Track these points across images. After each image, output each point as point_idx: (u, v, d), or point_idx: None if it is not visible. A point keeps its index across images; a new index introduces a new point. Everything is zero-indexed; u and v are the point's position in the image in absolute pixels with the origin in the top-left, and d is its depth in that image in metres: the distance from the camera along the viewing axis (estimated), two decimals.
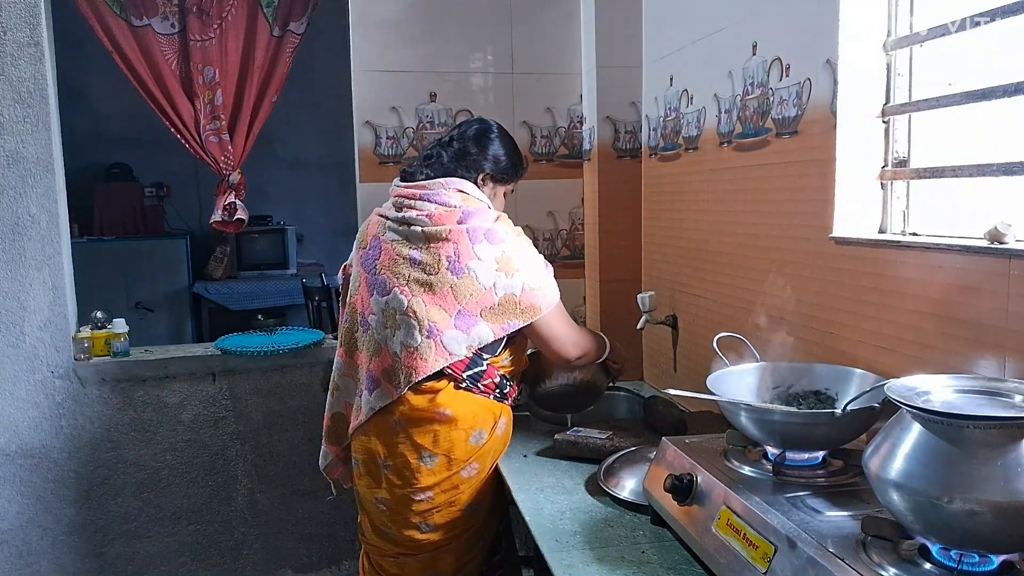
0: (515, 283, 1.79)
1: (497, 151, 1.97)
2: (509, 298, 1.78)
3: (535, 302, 1.81)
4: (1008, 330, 1.23)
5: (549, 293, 1.84)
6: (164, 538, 2.73)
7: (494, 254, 1.79)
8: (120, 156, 5.34)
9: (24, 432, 2.55)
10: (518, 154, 2.04)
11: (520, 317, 1.80)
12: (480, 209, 1.84)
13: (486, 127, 2.01)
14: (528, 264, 1.83)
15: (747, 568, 1.15)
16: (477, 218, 1.81)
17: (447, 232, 1.78)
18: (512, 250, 1.82)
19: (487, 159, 1.95)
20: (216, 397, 2.73)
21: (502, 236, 1.82)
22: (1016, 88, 1.28)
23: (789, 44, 1.80)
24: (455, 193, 1.86)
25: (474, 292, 1.77)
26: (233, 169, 2.82)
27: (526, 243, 1.89)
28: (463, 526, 1.86)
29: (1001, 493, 0.92)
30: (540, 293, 1.82)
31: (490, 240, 1.80)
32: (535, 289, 1.81)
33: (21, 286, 2.49)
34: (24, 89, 2.44)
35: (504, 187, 2.02)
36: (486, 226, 1.81)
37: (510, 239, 1.83)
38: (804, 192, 1.75)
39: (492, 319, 1.79)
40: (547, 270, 1.90)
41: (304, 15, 2.81)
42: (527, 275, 1.81)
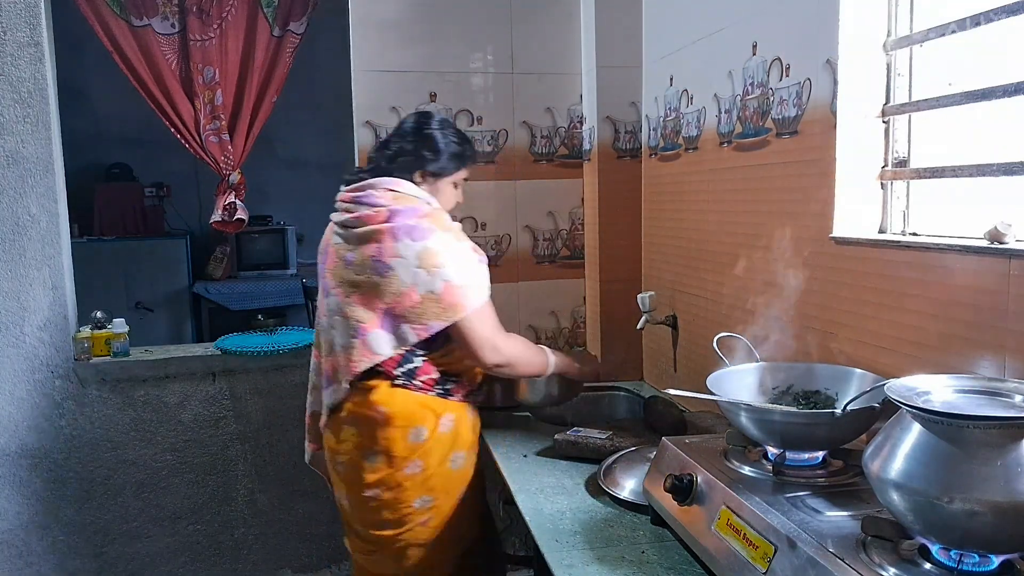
0: (435, 281, 1.75)
1: (432, 144, 1.92)
2: (429, 296, 1.75)
3: (457, 301, 1.77)
4: (1008, 330, 1.23)
5: (473, 293, 1.79)
6: (164, 538, 2.73)
7: (415, 250, 1.75)
8: (120, 156, 5.34)
9: (24, 432, 2.55)
10: (459, 143, 1.97)
11: (441, 317, 1.77)
12: (409, 207, 1.81)
13: (421, 121, 1.96)
14: (452, 261, 1.78)
15: (747, 568, 1.15)
16: (403, 216, 1.79)
17: (373, 232, 1.78)
18: (436, 246, 1.77)
19: (422, 154, 1.91)
20: (216, 397, 2.73)
21: (426, 232, 1.78)
22: (1016, 88, 1.28)
23: (789, 44, 1.80)
24: (385, 193, 1.84)
25: (396, 291, 1.76)
26: (233, 169, 2.82)
27: (456, 239, 1.85)
28: (419, 521, 1.86)
29: (1001, 493, 0.92)
30: (462, 292, 1.77)
31: (413, 237, 1.76)
32: (458, 287, 1.77)
33: (21, 286, 2.49)
34: (24, 89, 2.44)
35: (447, 179, 1.95)
36: (410, 223, 1.78)
37: (435, 235, 1.78)
38: (804, 192, 1.75)
39: (414, 319, 1.77)
40: (476, 269, 1.84)
41: (304, 15, 2.81)
42: (450, 272, 1.76)
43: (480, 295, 1.81)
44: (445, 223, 1.86)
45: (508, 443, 2.12)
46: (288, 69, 2.83)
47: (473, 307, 1.79)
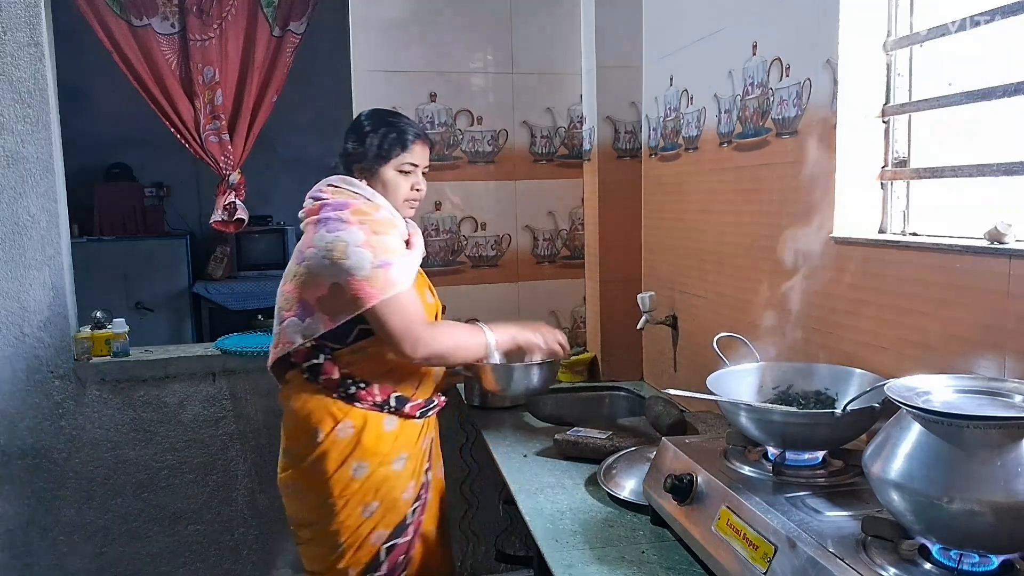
0: (341, 271, 1.71)
1: (356, 138, 1.91)
2: (336, 287, 1.73)
3: (360, 293, 1.71)
4: (1008, 330, 1.23)
5: (381, 282, 1.72)
6: (164, 538, 2.73)
7: (326, 242, 1.74)
8: (120, 156, 5.33)
9: (24, 432, 2.55)
10: (385, 130, 1.90)
11: (347, 309, 1.73)
12: (339, 200, 1.82)
13: (355, 120, 1.99)
14: (362, 251, 1.72)
15: (747, 568, 1.15)
16: (328, 209, 1.80)
17: (305, 224, 1.84)
18: (349, 236, 1.73)
19: (354, 150, 1.91)
20: (216, 397, 2.73)
21: (341, 225, 1.76)
22: (1016, 88, 1.28)
23: (789, 44, 1.80)
24: (325, 189, 1.87)
25: (309, 281, 1.77)
26: (233, 169, 2.82)
27: (373, 231, 1.77)
28: (313, 521, 1.86)
29: (1001, 493, 0.92)
30: (370, 283, 1.71)
31: (328, 229, 1.76)
32: (365, 278, 1.71)
33: (21, 286, 2.49)
34: (24, 89, 2.44)
35: (385, 168, 1.90)
36: (330, 215, 1.78)
37: (351, 227, 1.75)
38: (804, 192, 1.75)
39: (323, 309, 1.76)
40: (392, 259, 1.75)
41: (304, 15, 2.81)
42: (353, 263, 1.71)
43: (391, 286, 1.72)
44: (372, 216, 1.81)
45: (508, 443, 2.12)
46: (288, 69, 2.83)
47: (380, 298, 1.71)
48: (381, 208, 1.85)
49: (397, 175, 1.91)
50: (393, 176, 1.91)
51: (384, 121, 1.93)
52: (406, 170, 1.91)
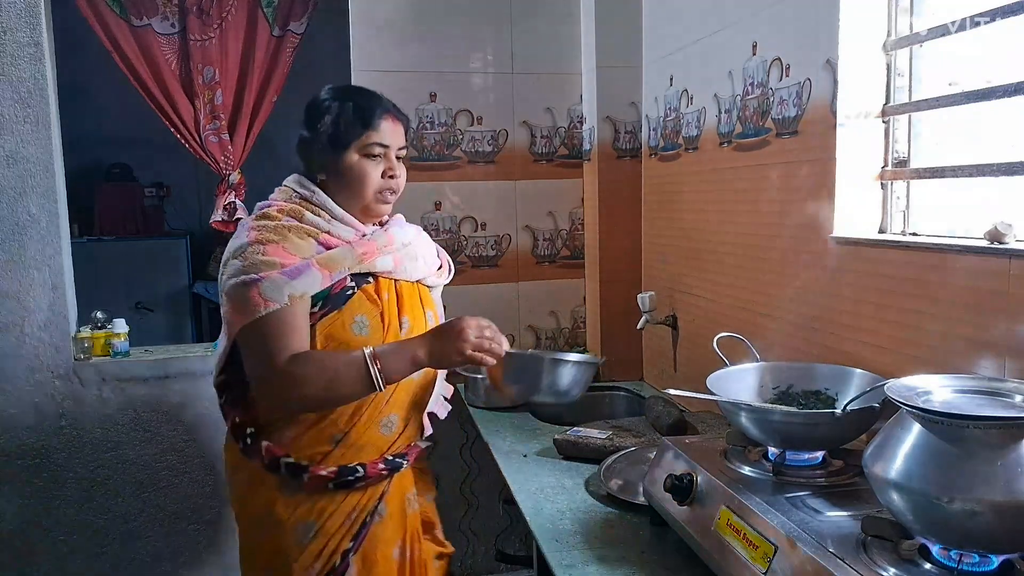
0: (222, 285, 1.50)
1: (313, 120, 1.56)
2: (223, 303, 1.51)
3: (227, 314, 1.48)
4: (1008, 330, 1.23)
5: (243, 302, 1.42)
6: (164, 538, 2.73)
7: (230, 249, 1.51)
8: (120, 156, 5.33)
9: (24, 432, 2.55)
10: (341, 106, 1.54)
11: (228, 331, 1.52)
12: (262, 203, 1.58)
13: (308, 101, 1.61)
14: (233, 264, 1.45)
15: (747, 568, 1.15)
16: (256, 211, 1.56)
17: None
18: (232, 247, 1.49)
19: (307, 137, 1.57)
20: (216, 397, 2.73)
21: (241, 231, 1.51)
22: (1016, 88, 1.28)
23: (789, 44, 1.80)
24: (274, 194, 1.63)
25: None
26: (233, 169, 2.82)
27: (258, 239, 1.46)
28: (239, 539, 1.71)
29: (1001, 493, 0.92)
30: (232, 302, 1.44)
31: (232, 240, 1.53)
32: (228, 296, 1.46)
33: (21, 286, 2.49)
34: (24, 89, 2.43)
35: (344, 154, 1.53)
36: (242, 221, 1.58)
37: (243, 234, 1.49)
38: (804, 192, 1.75)
39: (225, 324, 1.54)
40: (261, 274, 1.42)
41: (304, 15, 2.81)
42: (226, 275, 1.47)
43: (253, 307, 1.41)
44: (274, 222, 1.49)
45: (508, 443, 2.12)
46: (288, 69, 2.83)
47: (242, 323, 1.44)
48: (308, 210, 1.53)
49: (362, 161, 1.52)
50: (357, 163, 1.52)
51: (341, 96, 1.56)
52: (373, 152, 1.52)
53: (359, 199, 1.55)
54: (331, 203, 1.54)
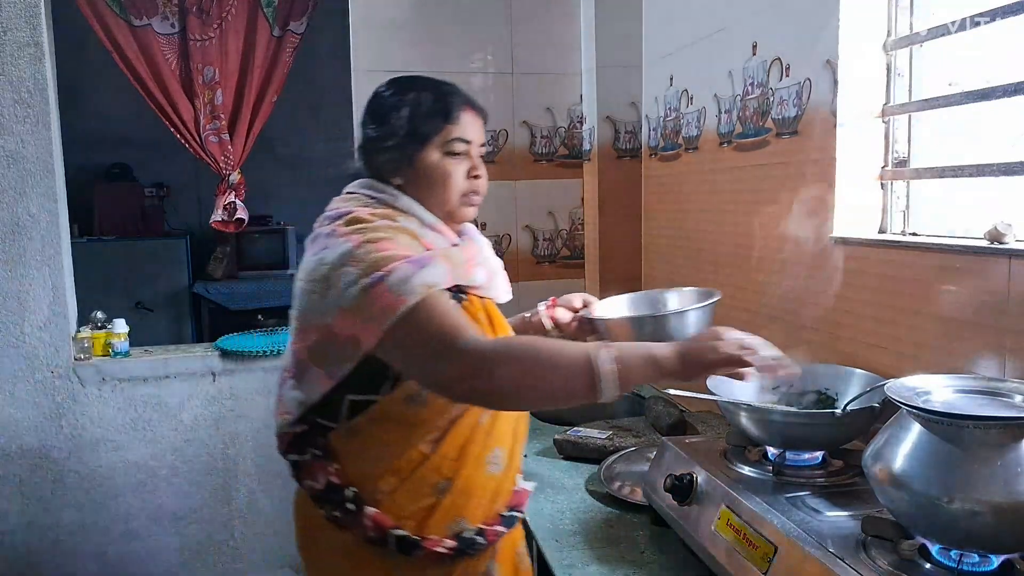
0: (326, 306, 1.16)
1: (382, 115, 1.32)
2: (325, 331, 1.17)
3: (356, 327, 1.14)
4: (1008, 330, 1.23)
5: (380, 302, 1.11)
6: (164, 538, 2.73)
7: (307, 269, 1.22)
8: (120, 156, 5.33)
9: (24, 432, 2.55)
10: (418, 98, 1.31)
11: (345, 356, 1.17)
12: (337, 211, 1.27)
13: (372, 96, 1.38)
14: (347, 271, 1.14)
15: (747, 568, 1.15)
16: (325, 222, 1.27)
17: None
18: (333, 255, 1.18)
19: (375, 135, 1.32)
20: (216, 397, 2.73)
21: (330, 239, 1.21)
22: (1016, 88, 1.28)
23: (789, 44, 1.80)
24: (339, 199, 1.33)
25: (300, 326, 1.24)
26: (233, 169, 2.82)
27: (366, 239, 1.18)
28: None
29: (1001, 493, 0.92)
30: (361, 311, 1.13)
31: (313, 251, 1.23)
32: (354, 307, 1.13)
33: (21, 286, 2.49)
34: (24, 89, 2.43)
35: (422, 152, 1.28)
36: (321, 231, 1.25)
37: (339, 241, 1.19)
38: (804, 192, 1.75)
39: (318, 361, 1.21)
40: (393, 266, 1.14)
41: (304, 15, 2.81)
42: (341, 285, 1.14)
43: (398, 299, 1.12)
44: (373, 222, 1.23)
45: None
46: (288, 69, 2.83)
47: (385, 324, 1.12)
48: (406, 215, 1.28)
49: (444, 160, 1.29)
50: (438, 162, 1.29)
51: (413, 87, 1.34)
52: (456, 150, 1.30)
53: (443, 203, 1.30)
54: (418, 207, 1.29)
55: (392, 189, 1.30)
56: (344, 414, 1.24)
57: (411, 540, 1.22)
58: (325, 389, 1.21)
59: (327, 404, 1.24)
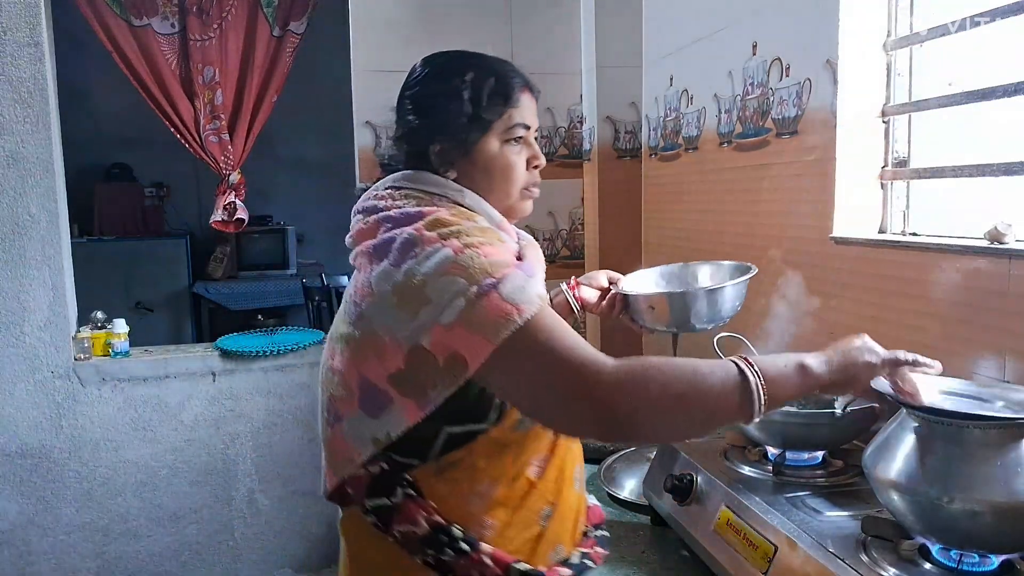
0: (421, 323, 0.96)
1: (431, 99, 1.11)
2: (418, 352, 0.97)
3: (463, 343, 0.94)
4: (1008, 330, 1.23)
5: (493, 315, 0.93)
6: (164, 538, 2.73)
7: (393, 280, 0.99)
8: (120, 156, 5.33)
9: (24, 432, 2.55)
10: (476, 77, 1.10)
11: (444, 380, 0.96)
12: (405, 210, 1.06)
13: (410, 77, 1.17)
14: (449, 280, 0.96)
15: (747, 568, 1.15)
16: (390, 225, 1.05)
17: (354, 258, 1.10)
18: (427, 264, 0.97)
19: (422, 123, 1.11)
20: (216, 397, 2.73)
21: (415, 246, 1.00)
22: (1016, 88, 1.28)
23: (789, 44, 1.80)
24: (382, 195, 1.12)
25: (373, 349, 1.02)
26: (233, 169, 2.82)
27: (465, 244, 0.99)
28: None
29: (1001, 493, 0.92)
30: (471, 325, 0.94)
31: (393, 258, 1.01)
32: (463, 321, 0.94)
33: (21, 286, 2.49)
34: (24, 89, 2.43)
35: (481, 141, 1.10)
36: (394, 235, 1.03)
37: (427, 248, 0.99)
38: (804, 192, 1.75)
39: (405, 390, 1.00)
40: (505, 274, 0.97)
41: (304, 15, 2.81)
42: (443, 299, 0.95)
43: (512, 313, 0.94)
44: (461, 224, 1.03)
45: None
46: (288, 69, 2.84)
47: (496, 342, 0.93)
48: (477, 214, 1.09)
49: (505, 149, 1.12)
50: (499, 151, 1.11)
51: (466, 65, 1.12)
52: (517, 135, 1.13)
53: (504, 198, 1.14)
54: (486, 204, 1.11)
55: (453, 184, 1.10)
56: (438, 449, 1.04)
57: (536, 574, 1.06)
58: (413, 421, 1.00)
59: (414, 439, 1.03)
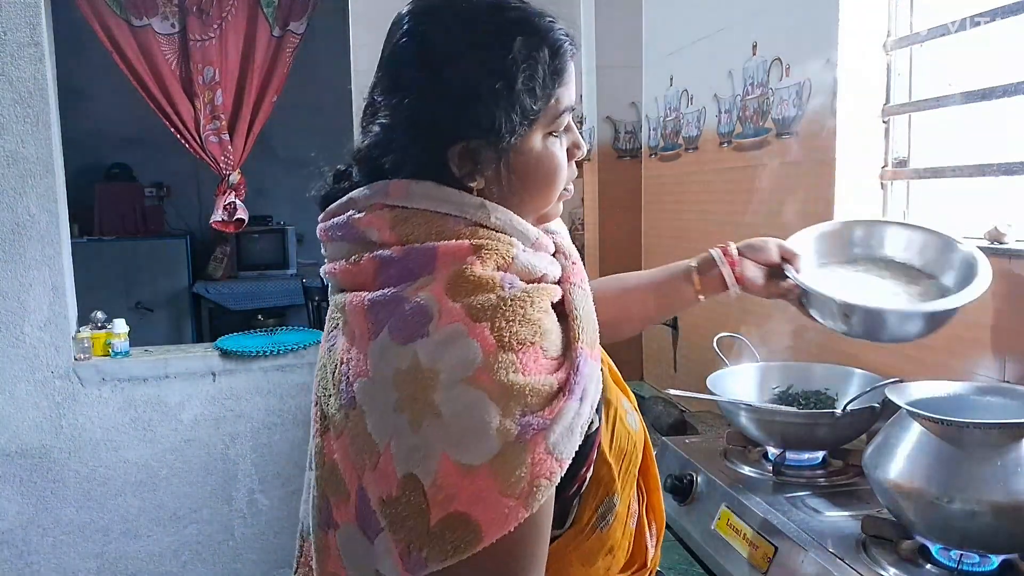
0: (423, 443, 0.68)
1: (485, 81, 0.75)
2: (411, 483, 0.68)
3: (479, 506, 0.66)
4: (1008, 330, 1.23)
5: (534, 463, 0.67)
6: (164, 538, 2.73)
7: (395, 365, 0.71)
8: (120, 156, 5.34)
9: (24, 432, 2.55)
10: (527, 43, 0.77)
11: (430, 546, 0.67)
12: (414, 248, 0.75)
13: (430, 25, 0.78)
14: (469, 395, 0.68)
15: (747, 568, 1.15)
16: (393, 274, 0.75)
17: (344, 306, 0.78)
18: (443, 355, 0.69)
19: (462, 117, 0.76)
20: (216, 397, 2.73)
21: (427, 316, 0.71)
22: (1016, 88, 1.28)
23: (789, 44, 1.80)
24: (377, 215, 0.78)
25: (368, 451, 0.72)
26: (233, 169, 2.82)
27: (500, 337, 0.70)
28: None
29: (1001, 493, 0.92)
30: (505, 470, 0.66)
31: (397, 328, 0.72)
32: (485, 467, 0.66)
33: (21, 286, 2.49)
34: (24, 89, 2.43)
35: (525, 138, 0.78)
36: (401, 296, 0.73)
37: (444, 327, 0.70)
38: (804, 192, 1.75)
39: (396, 528, 0.69)
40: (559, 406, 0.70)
41: (304, 15, 2.81)
42: (462, 425, 0.67)
43: (541, 486, 0.67)
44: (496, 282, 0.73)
45: None
46: (288, 69, 2.84)
47: (514, 522, 0.66)
48: (514, 244, 0.78)
49: (547, 144, 0.81)
50: (540, 148, 0.80)
51: (510, 23, 0.78)
52: (562, 125, 0.82)
53: (540, 206, 0.85)
54: (517, 221, 0.80)
55: (472, 199, 0.77)
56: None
57: None
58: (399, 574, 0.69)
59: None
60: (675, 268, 1.22)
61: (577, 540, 0.79)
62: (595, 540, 0.80)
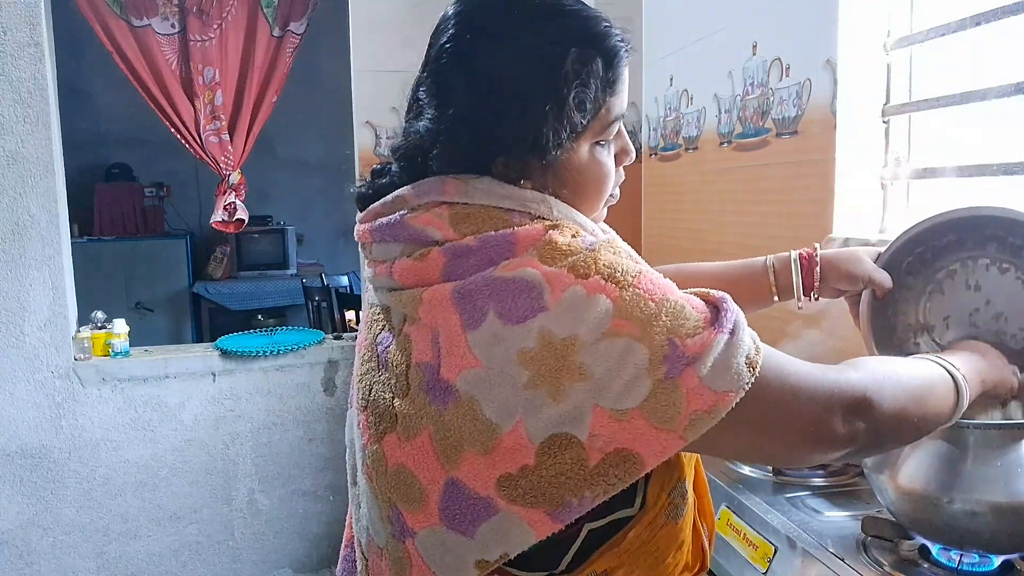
0: (573, 410, 0.68)
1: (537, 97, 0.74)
2: (559, 444, 0.68)
3: (640, 442, 0.68)
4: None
5: (739, 365, 0.70)
6: (164, 538, 2.73)
7: (519, 345, 0.69)
8: (120, 156, 5.34)
9: (24, 432, 2.55)
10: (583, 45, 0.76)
11: (596, 482, 0.69)
12: (489, 237, 0.74)
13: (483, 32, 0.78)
14: (618, 345, 0.68)
15: (747, 568, 1.15)
16: (472, 258, 0.73)
17: (417, 302, 0.75)
18: (583, 326, 0.68)
19: (507, 132, 0.75)
20: (216, 397, 2.73)
21: (543, 293, 0.69)
22: (1016, 88, 1.28)
23: (789, 44, 1.80)
24: (435, 213, 0.76)
25: (478, 440, 0.70)
26: (233, 169, 2.82)
27: (618, 286, 0.70)
28: None
29: (1001, 494, 0.92)
30: (665, 405, 0.67)
31: (505, 310, 0.70)
32: (642, 417, 0.67)
33: (21, 286, 2.49)
34: (24, 89, 2.43)
35: (574, 148, 0.78)
36: (499, 277, 0.71)
37: (573, 297, 0.69)
38: (804, 192, 1.75)
39: (525, 498, 0.70)
40: (700, 319, 0.72)
41: (304, 15, 2.82)
42: (621, 386, 0.67)
43: (741, 370, 0.71)
44: (594, 251, 0.73)
45: None
46: (288, 69, 2.84)
47: (655, 459, 0.69)
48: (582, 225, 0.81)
49: (595, 153, 0.81)
50: (587, 158, 0.80)
51: (566, 29, 0.77)
52: (613, 133, 0.82)
53: (586, 210, 0.85)
54: (577, 214, 0.82)
55: (532, 193, 0.77)
56: (572, 555, 0.76)
57: None
58: (545, 535, 0.71)
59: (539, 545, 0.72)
60: (753, 264, 1.16)
61: (651, 530, 0.78)
62: (667, 533, 0.79)
